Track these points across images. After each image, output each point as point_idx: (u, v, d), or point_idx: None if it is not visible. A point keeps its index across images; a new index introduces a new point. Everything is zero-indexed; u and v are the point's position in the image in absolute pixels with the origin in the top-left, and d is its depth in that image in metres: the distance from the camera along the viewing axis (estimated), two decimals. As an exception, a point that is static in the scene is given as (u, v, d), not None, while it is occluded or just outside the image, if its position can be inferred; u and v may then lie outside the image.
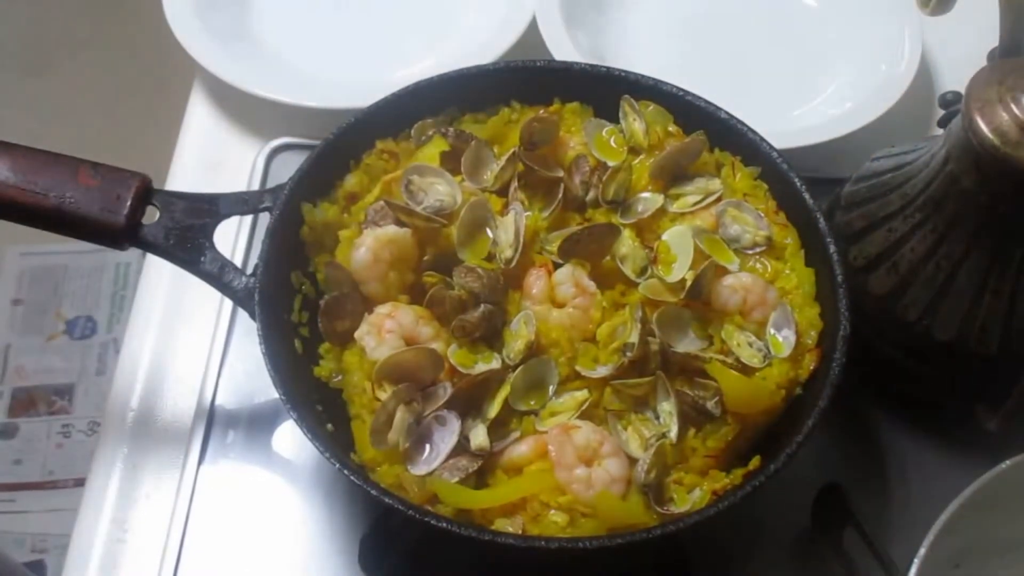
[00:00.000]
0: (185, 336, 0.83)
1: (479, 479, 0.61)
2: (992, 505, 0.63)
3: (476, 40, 0.97)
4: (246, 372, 0.80)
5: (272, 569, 0.72)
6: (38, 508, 1.64)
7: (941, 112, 0.85)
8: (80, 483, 1.13)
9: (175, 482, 0.75)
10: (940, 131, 0.74)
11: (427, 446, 0.61)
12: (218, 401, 0.79)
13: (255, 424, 0.78)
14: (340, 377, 0.66)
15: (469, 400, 0.63)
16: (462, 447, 0.61)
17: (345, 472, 0.58)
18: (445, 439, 0.61)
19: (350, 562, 0.70)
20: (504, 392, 0.62)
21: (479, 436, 0.61)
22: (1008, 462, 0.63)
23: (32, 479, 1.67)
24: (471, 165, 0.70)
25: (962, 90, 0.64)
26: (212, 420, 0.78)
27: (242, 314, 0.75)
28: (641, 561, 0.65)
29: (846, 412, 0.61)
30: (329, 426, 0.64)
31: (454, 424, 0.61)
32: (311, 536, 0.73)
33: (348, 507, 0.74)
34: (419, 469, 0.60)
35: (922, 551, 0.59)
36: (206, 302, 0.82)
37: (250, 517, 0.74)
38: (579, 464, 0.60)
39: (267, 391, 0.78)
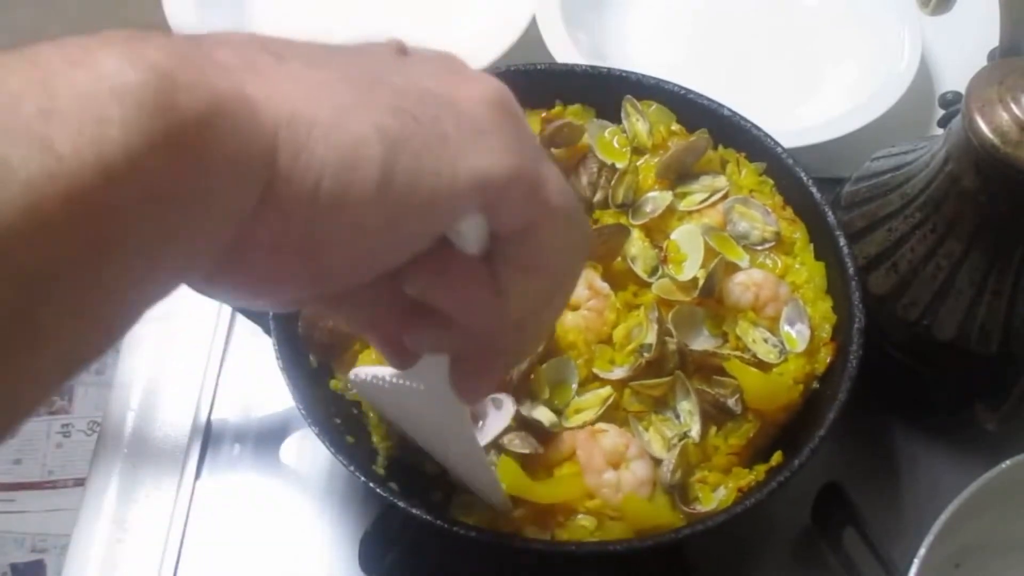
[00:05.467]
0: (185, 336, 0.82)
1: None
2: (992, 505, 0.63)
3: (475, 40, 0.97)
4: (246, 372, 0.80)
5: (271, 568, 0.72)
6: (38, 508, 1.63)
7: (941, 112, 0.85)
8: (80, 483, 1.13)
9: (175, 481, 0.75)
10: (940, 131, 0.74)
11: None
12: (218, 400, 0.79)
13: (253, 419, 0.78)
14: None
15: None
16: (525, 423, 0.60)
17: (379, 491, 0.58)
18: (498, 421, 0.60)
19: (350, 562, 0.69)
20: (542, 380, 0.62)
21: (546, 413, 0.60)
22: (1008, 462, 0.63)
23: (32, 479, 1.66)
24: None
25: (962, 90, 0.64)
26: (211, 420, 0.78)
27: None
28: (641, 560, 0.65)
29: (846, 412, 0.61)
30: (349, 438, 0.63)
31: (509, 406, 0.60)
32: (310, 536, 0.73)
33: (347, 507, 0.74)
34: None
35: (922, 551, 0.59)
36: (206, 301, 0.82)
37: (249, 517, 0.74)
38: (607, 468, 0.60)
39: (265, 390, 0.79)
